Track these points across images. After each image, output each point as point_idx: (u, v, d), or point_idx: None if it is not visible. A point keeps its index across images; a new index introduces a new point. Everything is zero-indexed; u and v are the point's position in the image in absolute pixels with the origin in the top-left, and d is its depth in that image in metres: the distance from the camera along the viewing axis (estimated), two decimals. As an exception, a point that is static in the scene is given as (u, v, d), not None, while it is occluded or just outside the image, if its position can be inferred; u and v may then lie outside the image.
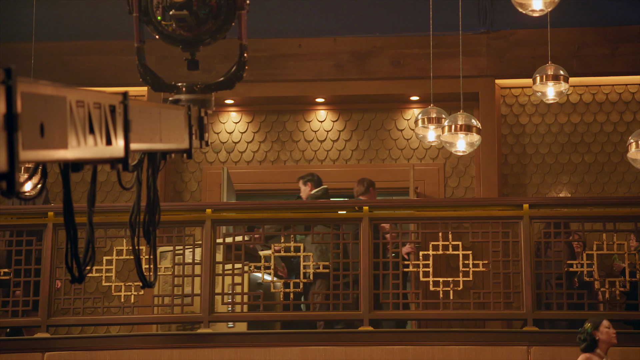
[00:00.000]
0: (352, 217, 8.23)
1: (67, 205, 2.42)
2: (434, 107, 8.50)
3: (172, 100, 3.17)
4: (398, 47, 10.27)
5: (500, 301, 7.91)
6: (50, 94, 1.85)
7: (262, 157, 10.58)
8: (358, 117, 10.56)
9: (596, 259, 7.86)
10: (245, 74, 3.29)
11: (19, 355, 7.71)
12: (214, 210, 8.20)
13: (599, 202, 8.69)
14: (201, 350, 7.72)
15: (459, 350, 7.58)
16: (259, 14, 9.61)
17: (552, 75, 7.94)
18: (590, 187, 10.15)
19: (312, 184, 9.10)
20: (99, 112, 2.11)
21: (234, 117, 10.67)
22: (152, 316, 8.23)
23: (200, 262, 8.03)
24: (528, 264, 7.81)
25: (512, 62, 10.10)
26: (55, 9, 10.13)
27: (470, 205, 8.69)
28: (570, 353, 7.39)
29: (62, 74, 10.14)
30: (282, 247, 8.12)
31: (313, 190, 9.08)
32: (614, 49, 10.00)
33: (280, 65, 10.32)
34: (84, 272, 2.54)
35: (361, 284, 7.93)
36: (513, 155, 10.31)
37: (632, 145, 7.62)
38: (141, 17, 3.16)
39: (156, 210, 3.01)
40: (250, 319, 8.41)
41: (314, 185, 9.10)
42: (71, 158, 1.96)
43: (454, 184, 10.33)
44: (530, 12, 7.06)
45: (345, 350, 7.65)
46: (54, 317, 8.03)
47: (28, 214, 8.30)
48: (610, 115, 10.24)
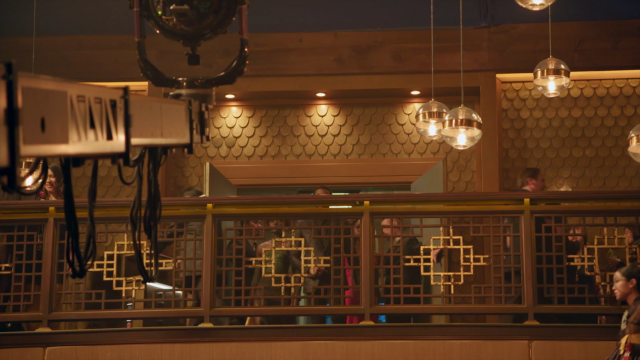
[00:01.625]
0: (353, 211, 8.23)
1: (68, 200, 2.42)
2: (435, 102, 8.50)
3: (172, 95, 3.17)
4: (399, 41, 10.26)
5: (501, 295, 7.92)
6: (51, 88, 1.85)
7: (263, 151, 10.58)
8: (359, 112, 10.55)
9: (597, 253, 7.87)
10: (246, 68, 3.29)
11: (21, 350, 7.71)
12: (215, 205, 8.20)
13: (600, 196, 8.68)
14: (202, 345, 7.72)
15: (460, 344, 7.59)
16: (259, 9, 9.61)
17: (553, 69, 7.94)
18: (591, 181, 10.15)
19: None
20: (100, 106, 2.11)
21: (235, 111, 10.66)
22: (153, 311, 8.24)
23: (202, 257, 8.03)
24: (529, 258, 7.81)
25: (513, 57, 10.09)
26: (55, 4, 10.12)
27: (471, 199, 8.69)
28: (571, 347, 7.40)
29: (63, 69, 10.14)
30: (284, 241, 8.13)
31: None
32: (615, 42, 9.99)
33: (281, 59, 10.32)
34: (85, 267, 2.54)
35: (362, 278, 7.93)
36: (514, 149, 10.30)
37: (633, 139, 7.62)
38: (142, 11, 3.16)
39: (157, 205, 3.01)
40: (251, 314, 8.42)
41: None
42: (72, 153, 1.96)
43: (455, 178, 10.33)
44: (531, 6, 7.06)
45: (346, 344, 7.65)
46: (55, 312, 8.04)
47: (29, 209, 8.29)
48: (612, 109, 10.24)
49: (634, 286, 6.81)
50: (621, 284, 6.86)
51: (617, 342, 6.81)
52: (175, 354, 7.68)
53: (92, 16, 10.39)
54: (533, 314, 7.72)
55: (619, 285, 6.87)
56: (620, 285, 6.87)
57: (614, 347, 6.95)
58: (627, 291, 6.83)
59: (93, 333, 8.18)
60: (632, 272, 6.86)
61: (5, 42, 10.01)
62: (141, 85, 9.71)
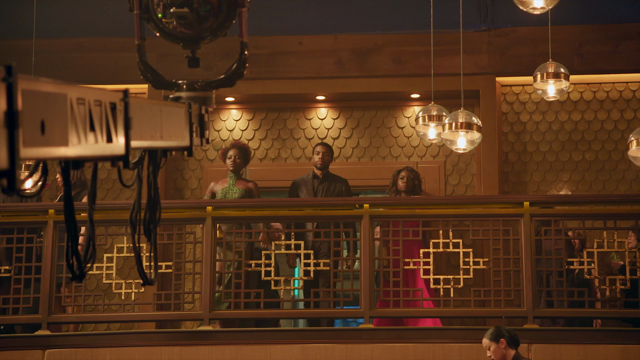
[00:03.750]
0: (353, 214, 8.23)
1: (68, 203, 2.42)
2: (435, 105, 8.50)
3: (172, 97, 3.17)
4: (399, 44, 10.26)
5: (500, 299, 7.91)
6: (51, 91, 1.85)
7: (263, 154, 10.58)
8: (359, 115, 10.56)
9: (597, 256, 7.87)
10: (246, 71, 3.29)
11: (20, 353, 7.71)
12: (215, 207, 8.21)
13: (599, 200, 8.67)
14: (202, 348, 7.72)
15: (460, 348, 7.58)
16: (259, 11, 9.59)
17: (553, 72, 7.94)
18: (590, 185, 10.15)
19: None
20: (100, 109, 2.11)
21: (235, 114, 10.66)
22: (152, 313, 8.24)
23: (201, 259, 8.03)
24: (529, 261, 7.81)
25: (513, 60, 10.10)
26: (56, 6, 10.13)
27: (470, 203, 8.69)
28: (571, 350, 7.40)
29: (63, 72, 10.14)
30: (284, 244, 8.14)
31: None
32: (615, 46, 9.99)
33: (281, 62, 10.32)
34: (85, 270, 2.54)
35: (362, 281, 7.93)
36: (514, 153, 10.30)
37: (633, 143, 7.62)
38: (142, 14, 3.16)
39: (157, 207, 3.02)
40: (251, 316, 8.41)
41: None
42: (72, 155, 1.96)
43: (455, 181, 10.33)
44: (531, 9, 7.06)
45: (345, 348, 7.65)
46: (55, 315, 8.03)
47: (28, 212, 8.29)
48: (611, 113, 10.24)
49: (505, 346, 6.57)
50: (493, 349, 6.55)
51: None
52: (174, 357, 7.68)
53: (92, 19, 10.39)
54: (532, 317, 7.72)
55: (492, 351, 6.59)
56: (493, 350, 6.58)
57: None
58: (502, 354, 6.57)
59: (92, 336, 8.18)
60: (499, 334, 6.60)
61: (5, 44, 10.01)
62: (141, 88, 9.71)
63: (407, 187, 9.22)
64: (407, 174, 9.31)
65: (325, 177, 9.31)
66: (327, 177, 9.33)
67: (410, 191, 9.23)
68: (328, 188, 9.23)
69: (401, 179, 9.28)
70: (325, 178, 9.31)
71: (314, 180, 9.30)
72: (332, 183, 9.28)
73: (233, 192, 8.93)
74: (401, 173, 9.34)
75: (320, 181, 9.28)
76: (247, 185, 9.04)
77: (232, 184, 9.00)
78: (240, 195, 8.90)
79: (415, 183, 9.30)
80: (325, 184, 9.26)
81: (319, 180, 9.29)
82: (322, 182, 9.27)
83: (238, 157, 9.05)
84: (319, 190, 9.24)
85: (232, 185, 8.99)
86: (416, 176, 9.37)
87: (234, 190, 8.94)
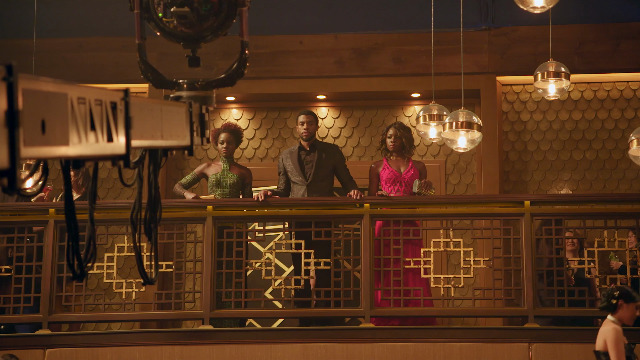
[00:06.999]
0: (353, 213, 8.23)
1: (68, 202, 2.42)
2: (435, 104, 8.49)
3: (173, 97, 3.17)
4: (399, 43, 10.26)
5: (501, 298, 7.92)
6: (52, 90, 1.85)
7: (264, 154, 10.58)
8: (359, 114, 10.55)
9: (597, 256, 7.87)
10: (246, 70, 3.29)
11: (20, 352, 7.71)
12: (215, 207, 8.21)
13: (600, 199, 8.67)
14: (202, 347, 7.72)
15: (460, 347, 7.59)
16: (260, 11, 9.60)
17: (554, 72, 7.94)
18: (591, 184, 10.14)
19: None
20: (100, 108, 2.11)
21: (235, 113, 10.67)
22: (153, 313, 8.24)
23: (202, 259, 8.04)
24: (529, 261, 7.81)
25: (514, 59, 10.09)
26: (56, 6, 10.13)
27: (471, 202, 8.69)
28: (572, 350, 7.40)
29: (64, 71, 10.14)
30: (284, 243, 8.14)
31: None
32: (616, 45, 9.99)
33: (281, 62, 10.32)
34: (85, 269, 2.54)
35: (362, 280, 7.94)
36: (514, 152, 10.30)
37: (634, 142, 7.62)
38: (142, 14, 3.16)
39: (157, 207, 3.02)
40: (251, 315, 8.42)
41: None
42: (72, 155, 1.96)
43: (455, 180, 10.33)
44: (532, 9, 7.07)
45: (346, 347, 7.65)
46: (56, 314, 8.03)
47: (29, 211, 8.30)
48: (612, 112, 10.24)
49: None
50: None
51: None
52: (175, 356, 7.68)
53: (93, 18, 10.39)
54: (533, 317, 7.72)
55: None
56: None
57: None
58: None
59: (93, 335, 8.18)
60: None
61: (6, 44, 10.01)
62: (142, 88, 9.71)
63: (395, 147, 8.72)
64: (395, 131, 8.79)
65: (313, 147, 8.81)
66: (315, 146, 8.84)
67: (399, 150, 8.75)
68: (318, 158, 8.74)
69: (389, 137, 8.80)
70: (313, 148, 8.81)
71: (300, 152, 8.80)
72: (322, 152, 8.81)
73: (228, 178, 8.84)
74: (389, 131, 8.84)
75: (307, 152, 8.78)
76: (241, 171, 8.97)
77: (226, 169, 8.91)
78: (234, 181, 8.82)
79: (403, 141, 8.74)
80: (314, 154, 8.77)
81: (306, 152, 8.79)
82: (309, 153, 8.77)
83: (230, 142, 8.95)
84: (307, 161, 8.75)
85: (227, 171, 8.89)
86: (404, 134, 8.79)
87: (229, 175, 8.85)
